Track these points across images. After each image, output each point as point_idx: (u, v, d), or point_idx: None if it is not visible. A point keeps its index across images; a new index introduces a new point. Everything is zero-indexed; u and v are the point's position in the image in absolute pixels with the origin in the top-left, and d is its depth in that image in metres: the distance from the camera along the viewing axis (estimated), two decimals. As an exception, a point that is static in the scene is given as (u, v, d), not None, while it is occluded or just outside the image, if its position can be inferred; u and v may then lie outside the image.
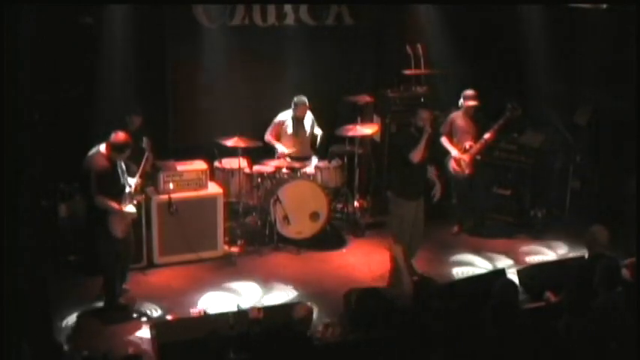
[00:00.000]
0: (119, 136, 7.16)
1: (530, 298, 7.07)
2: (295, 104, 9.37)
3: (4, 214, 5.48)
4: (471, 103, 9.13)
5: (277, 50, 9.84)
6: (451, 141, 9.27)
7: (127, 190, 7.24)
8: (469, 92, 9.21)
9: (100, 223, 7.18)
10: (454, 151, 9.19)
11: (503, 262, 8.68)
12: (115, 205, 7.11)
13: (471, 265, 8.69)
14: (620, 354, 5.25)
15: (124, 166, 7.33)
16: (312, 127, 9.62)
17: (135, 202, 7.36)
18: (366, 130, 9.52)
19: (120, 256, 7.37)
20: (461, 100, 9.23)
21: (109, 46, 8.80)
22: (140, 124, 8.65)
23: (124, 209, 7.19)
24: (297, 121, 9.50)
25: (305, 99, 9.36)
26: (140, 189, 7.51)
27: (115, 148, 7.13)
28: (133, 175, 7.37)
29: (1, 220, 5.46)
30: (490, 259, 8.78)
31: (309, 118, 9.56)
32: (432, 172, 8.21)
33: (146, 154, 7.59)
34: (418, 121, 7.89)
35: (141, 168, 7.45)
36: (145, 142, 7.68)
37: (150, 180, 8.38)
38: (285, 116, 9.49)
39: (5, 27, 5.48)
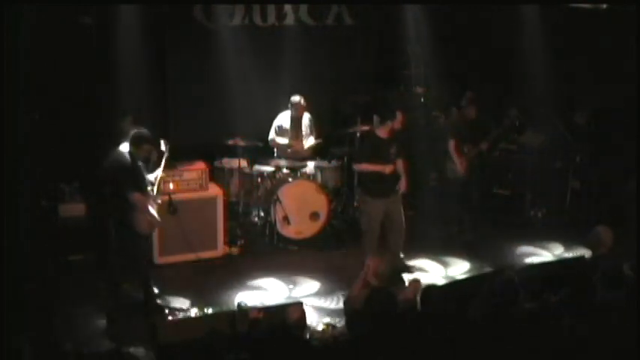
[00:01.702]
0: (139, 131, 7.14)
1: (530, 297, 7.07)
2: (292, 104, 9.38)
3: (4, 214, 5.48)
4: (471, 106, 9.13)
5: (277, 50, 9.84)
6: (459, 147, 9.07)
7: (149, 188, 7.27)
8: (469, 94, 9.23)
9: (125, 224, 7.15)
10: (457, 161, 9.04)
11: (503, 262, 8.68)
12: (144, 203, 7.10)
13: (470, 265, 8.69)
14: (621, 354, 5.24)
15: (153, 165, 7.37)
16: (311, 128, 9.62)
17: (159, 201, 7.39)
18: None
19: (146, 255, 7.44)
20: (463, 101, 9.24)
21: (110, 47, 8.80)
22: (132, 124, 8.63)
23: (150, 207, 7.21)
24: (296, 121, 9.50)
25: (300, 98, 9.34)
26: (159, 188, 7.44)
27: (135, 143, 7.08)
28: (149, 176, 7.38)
29: (1, 220, 5.46)
30: (490, 259, 8.77)
31: (306, 117, 9.57)
32: (399, 165, 8.17)
33: (165, 155, 7.50)
34: (395, 124, 7.93)
35: (161, 167, 7.41)
36: (163, 145, 7.56)
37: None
38: (284, 117, 9.50)
39: (5, 27, 5.49)
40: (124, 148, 7.13)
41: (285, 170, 9.22)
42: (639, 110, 8.83)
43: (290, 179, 9.12)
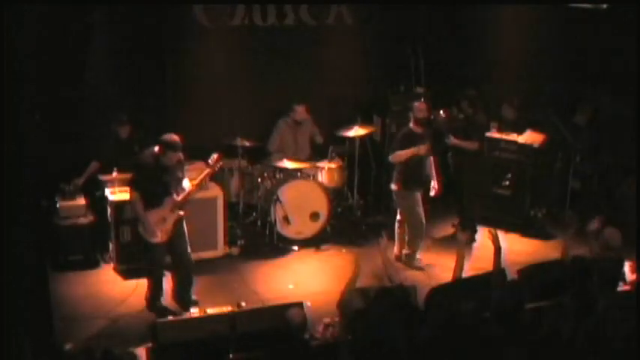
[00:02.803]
0: (170, 135, 7.08)
1: (531, 297, 7.06)
2: (293, 109, 9.38)
3: (4, 214, 5.48)
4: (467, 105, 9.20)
5: (277, 50, 9.84)
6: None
7: (173, 196, 7.22)
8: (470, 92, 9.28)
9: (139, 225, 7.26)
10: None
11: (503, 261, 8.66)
12: (140, 209, 7.10)
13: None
14: (622, 355, 5.24)
15: (179, 174, 7.25)
16: (312, 131, 9.63)
17: (180, 212, 7.30)
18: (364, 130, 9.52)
19: (158, 262, 7.39)
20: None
21: (110, 47, 8.80)
22: (129, 131, 8.63)
23: (161, 214, 7.16)
24: (297, 125, 9.50)
25: (302, 107, 9.39)
26: (182, 199, 7.31)
27: (165, 146, 7.02)
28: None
29: (1, 220, 5.45)
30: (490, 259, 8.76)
31: (307, 121, 9.57)
32: (430, 165, 8.33)
33: (208, 169, 7.46)
34: (416, 113, 8.02)
35: (199, 179, 7.36)
36: (212, 159, 7.45)
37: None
38: (284, 122, 9.51)
39: (5, 27, 5.48)
40: (155, 148, 7.12)
41: (285, 170, 9.22)
42: (639, 110, 8.82)
43: (290, 179, 9.12)
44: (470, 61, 10.19)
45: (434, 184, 8.59)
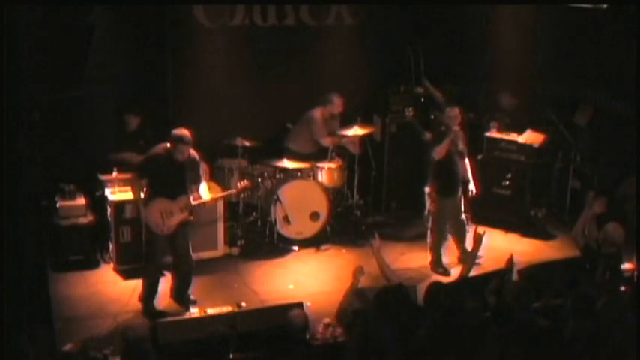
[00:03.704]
0: (180, 129, 7.23)
1: (531, 297, 7.06)
2: (332, 100, 9.37)
3: (4, 214, 5.48)
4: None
5: (277, 50, 9.84)
6: None
7: (189, 196, 7.33)
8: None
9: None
10: None
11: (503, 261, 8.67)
12: (140, 192, 7.25)
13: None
14: (621, 355, 5.24)
15: (194, 174, 7.40)
16: (336, 126, 9.68)
17: (190, 216, 7.39)
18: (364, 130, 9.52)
19: (155, 258, 7.40)
20: None
21: (110, 47, 8.80)
22: (139, 123, 8.67)
23: (170, 207, 7.23)
24: (332, 119, 9.52)
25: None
26: (191, 207, 7.42)
27: (176, 141, 7.15)
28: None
29: (1, 220, 5.45)
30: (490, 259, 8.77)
31: (338, 116, 9.60)
32: (466, 168, 8.52)
33: (233, 191, 7.88)
34: (447, 119, 8.15)
35: (220, 195, 7.72)
36: (241, 184, 7.83)
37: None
38: (321, 114, 9.49)
39: (5, 27, 5.48)
40: (165, 144, 7.24)
41: (285, 170, 9.22)
42: (639, 110, 8.82)
43: (290, 179, 9.12)
44: (470, 62, 10.18)
45: (471, 187, 8.62)
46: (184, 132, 7.19)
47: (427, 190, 8.45)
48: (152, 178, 7.27)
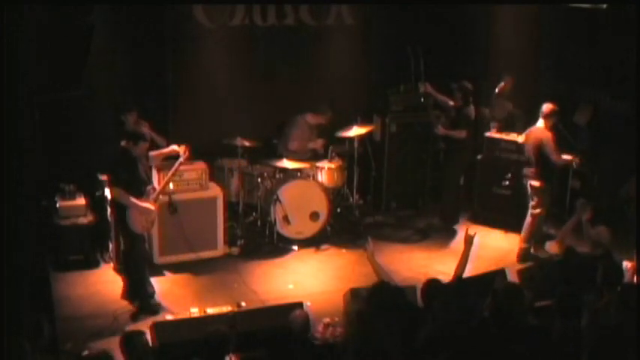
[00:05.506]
0: (136, 128, 7.45)
1: (531, 297, 7.06)
2: (325, 111, 9.45)
3: (4, 214, 5.48)
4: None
5: (277, 50, 9.84)
6: None
7: (151, 186, 7.40)
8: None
9: (121, 219, 7.29)
10: None
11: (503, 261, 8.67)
12: (129, 199, 7.18)
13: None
14: (620, 355, 5.24)
15: (148, 164, 7.50)
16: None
17: (156, 198, 7.47)
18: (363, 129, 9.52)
19: (144, 254, 7.48)
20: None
21: (110, 47, 8.80)
22: (135, 119, 8.65)
23: (144, 205, 7.26)
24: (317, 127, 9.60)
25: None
26: (161, 189, 7.60)
27: (131, 139, 7.22)
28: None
29: (1, 220, 5.46)
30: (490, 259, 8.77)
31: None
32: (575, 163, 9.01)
33: (181, 158, 7.65)
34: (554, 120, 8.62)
35: (172, 169, 7.60)
36: (182, 150, 7.69)
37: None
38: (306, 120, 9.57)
39: (5, 27, 5.48)
40: (124, 143, 7.24)
41: (285, 170, 9.22)
42: (639, 110, 8.82)
43: (290, 179, 9.12)
44: (470, 62, 10.18)
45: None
46: (141, 130, 7.38)
47: (536, 184, 8.68)
48: (125, 185, 7.28)
